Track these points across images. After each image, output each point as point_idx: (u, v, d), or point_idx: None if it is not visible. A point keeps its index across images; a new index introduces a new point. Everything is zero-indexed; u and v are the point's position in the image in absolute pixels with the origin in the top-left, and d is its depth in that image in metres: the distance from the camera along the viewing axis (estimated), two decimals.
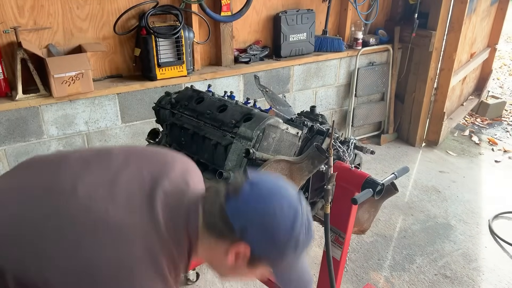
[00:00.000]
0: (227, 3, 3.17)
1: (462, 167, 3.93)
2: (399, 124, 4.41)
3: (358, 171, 1.63)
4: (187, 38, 3.00)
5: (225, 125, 1.51)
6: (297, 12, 3.51)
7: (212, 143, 1.52)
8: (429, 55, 3.92)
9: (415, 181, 3.64)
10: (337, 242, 1.75)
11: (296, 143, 1.56)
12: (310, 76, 3.81)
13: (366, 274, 2.58)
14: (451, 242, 2.90)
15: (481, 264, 2.70)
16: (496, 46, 5.18)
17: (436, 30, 3.80)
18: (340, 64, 3.93)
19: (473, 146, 4.37)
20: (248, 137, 1.40)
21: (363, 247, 2.81)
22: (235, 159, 1.42)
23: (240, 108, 1.55)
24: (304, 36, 3.60)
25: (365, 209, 1.85)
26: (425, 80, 4.03)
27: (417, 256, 2.75)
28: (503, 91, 6.21)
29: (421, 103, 4.11)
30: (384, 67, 4.16)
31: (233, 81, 3.38)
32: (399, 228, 3.03)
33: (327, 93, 4.00)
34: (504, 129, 4.86)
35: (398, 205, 3.28)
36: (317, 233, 2.88)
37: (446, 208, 3.28)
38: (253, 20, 3.48)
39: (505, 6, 4.92)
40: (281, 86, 3.66)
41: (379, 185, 1.52)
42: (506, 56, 8.23)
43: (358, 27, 3.93)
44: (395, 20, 4.17)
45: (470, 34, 4.27)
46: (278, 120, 1.47)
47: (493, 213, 3.20)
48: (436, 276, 2.58)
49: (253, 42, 3.55)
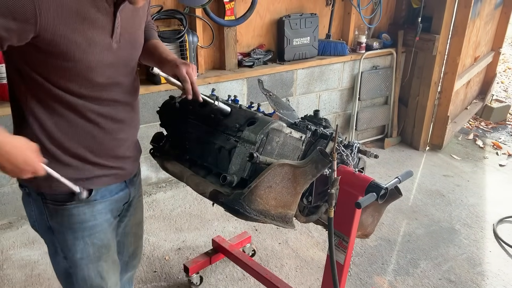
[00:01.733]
0: (231, 7, 3.19)
1: (467, 171, 3.91)
2: (403, 127, 4.41)
3: (362, 175, 1.63)
4: (191, 42, 3.02)
5: (229, 129, 1.51)
6: (301, 16, 3.53)
7: (215, 147, 1.53)
8: (433, 59, 3.92)
9: (419, 185, 3.63)
10: (340, 246, 1.75)
11: (299, 147, 1.56)
12: (314, 80, 3.81)
13: (370, 279, 2.58)
14: (456, 246, 2.89)
15: (485, 269, 2.69)
16: (500, 49, 5.17)
17: (440, 34, 3.80)
18: (344, 68, 3.93)
19: (478, 150, 4.36)
20: (252, 141, 1.40)
21: (367, 251, 2.80)
22: (239, 163, 1.42)
23: (243, 112, 1.56)
24: (307, 40, 3.60)
25: (368, 213, 1.84)
26: (429, 84, 4.02)
27: (421, 261, 2.74)
28: (508, 94, 6.19)
29: (425, 107, 4.11)
30: (388, 71, 4.16)
31: (237, 85, 3.39)
32: (403, 232, 3.02)
33: (331, 97, 4.00)
34: (509, 133, 4.84)
35: (402, 209, 3.27)
36: (320, 237, 2.88)
37: (450, 212, 3.27)
38: (256, 24, 3.50)
39: (509, 10, 4.92)
40: (284, 90, 3.67)
41: (383, 189, 1.52)
42: (511, 59, 8.21)
43: (362, 31, 3.94)
44: (399, 24, 4.17)
45: (474, 38, 4.27)
46: (282, 124, 1.47)
47: (498, 217, 3.19)
48: (440, 281, 2.57)
49: (256, 46, 3.56)
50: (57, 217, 1.34)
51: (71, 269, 1.41)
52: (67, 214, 1.34)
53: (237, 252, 2.46)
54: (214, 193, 1.46)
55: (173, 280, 2.51)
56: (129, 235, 1.65)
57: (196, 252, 2.72)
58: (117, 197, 1.45)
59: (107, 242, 1.45)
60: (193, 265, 2.43)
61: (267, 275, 2.27)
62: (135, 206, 1.61)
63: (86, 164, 1.32)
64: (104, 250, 1.44)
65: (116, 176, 1.43)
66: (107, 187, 1.40)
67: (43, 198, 1.32)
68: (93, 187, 1.35)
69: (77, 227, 1.36)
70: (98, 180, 1.36)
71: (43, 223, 1.37)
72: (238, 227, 2.98)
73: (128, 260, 1.71)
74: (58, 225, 1.36)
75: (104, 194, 1.39)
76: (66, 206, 1.32)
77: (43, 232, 1.41)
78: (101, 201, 1.39)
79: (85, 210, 1.35)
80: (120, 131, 1.38)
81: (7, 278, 2.48)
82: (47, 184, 1.28)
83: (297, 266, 2.66)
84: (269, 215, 1.42)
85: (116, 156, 1.40)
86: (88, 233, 1.38)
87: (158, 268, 2.59)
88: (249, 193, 1.35)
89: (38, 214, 1.37)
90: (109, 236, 1.46)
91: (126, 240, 1.66)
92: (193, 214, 3.12)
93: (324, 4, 3.75)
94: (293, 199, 1.46)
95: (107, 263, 1.47)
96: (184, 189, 3.37)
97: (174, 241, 2.84)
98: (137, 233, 1.70)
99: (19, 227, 2.89)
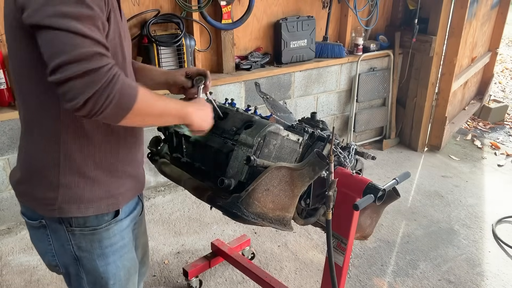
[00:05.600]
0: (228, 11, 3.19)
1: (465, 171, 3.92)
2: (401, 129, 4.42)
3: (360, 177, 1.63)
4: (189, 46, 3.03)
5: (226, 132, 1.52)
6: (298, 19, 3.53)
7: (213, 150, 1.53)
8: (430, 60, 3.93)
9: (418, 186, 3.64)
10: (339, 248, 1.75)
11: (297, 149, 1.57)
12: (311, 82, 3.82)
13: (369, 280, 2.57)
14: (455, 247, 2.89)
15: (485, 269, 2.69)
16: (497, 50, 5.18)
17: (437, 35, 3.81)
18: (341, 70, 3.94)
19: (476, 151, 4.36)
20: (249, 144, 1.40)
21: (366, 253, 2.80)
22: (236, 166, 1.42)
23: (240, 115, 1.56)
24: (304, 42, 3.61)
25: (367, 214, 1.84)
26: (426, 85, 4.03)
27: (421, 262, 2.74)
28: (505, 95, 6.21)
29: (423, 108, 4.12)
30: (385, 72, 4.17)
31: (234, 88, 3.40)
32: (402, 233, 3.02)
33: (329, 99, 4.01)
34: (507, 133, 4.85)
35: (401, 210, 3.27)
36: (320, 239, 2.88)
37: (449, 213, 3.27)
38: (254, 28, 3.51)
39: (505, 10, 4.94)
40: (282, 93, 3.67)
41: (381, 190, 1.52)
42: (508, 60, 8.24)
43: (359, 33, 3.95)
44: (396, 25, 4.19)
45: (470, 39, 4.28)
46: (279, 127, 1.47)
47: (497, 217, 3.19)
48: (439, 282, 2.57)
49: (254, 49, 3.57)
50: (86, 244, 1.24)
51: None
52: (97, 239, 1.24)
53: (236, 255, 2.46)
54: (212, 197, 1.46)
55: (173, 284, 2.51)
56: (138, 247, 1.62)
57: (195, 255, 2.72)
58: (136, 212, 1.40)
59: (135, 261, 1.40)
60: (192, 268, 2.43)
61: (267, 278, 2.27)
62: (141, 216, 1.60)
63: (112, 177, 1.24)
64: (133, 270, 1.39)
65: (136, 188, 1.37)
66: (127, 204, 1.32)
67: (68, 226, 1.20)
68: (119, 206, 1.27)
69: (108, 251, 1.27)
70: (123, 196, 1.28)
71: (67, 255, 1.26)
72: (237, 230, 2.97)
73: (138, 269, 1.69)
74: (87, 253, 1.25)
75: (126, 211, 1.32)
76: (96, 230, 1.23)
77: (67, 265, 1.29)
78: (125, 219, 1.32)
79: (115, 231, 1.27)
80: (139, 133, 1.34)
81: (6, 284, 2.48)
82: (75, 207, 1.17)
83: (296, 269, 2.65)
84: (267, 218, 1.42)
85: (137, 160, 1.35)
86: (118, 255, 1.31)
87: (157, 272, 2.59)
88: (246, 196, 1.35)
89: (59, 246, 1.25)
90: (135, 255, 1.41)
91: (137, 252, 1.62)
92: (192, 218, 3.12)
93: (320, 7, 3.77)
94: (291, 201, 1.46)
95: (134, 284, 1.42)
96: (183, 193, 3.37)
97: (173, 245, 2.84)
98: (144, 242, 1.68)
99: (17, 233, 2.89)
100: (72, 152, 1.14)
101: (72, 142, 1.13)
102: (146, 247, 1.74)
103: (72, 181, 1.15)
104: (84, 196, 1.18)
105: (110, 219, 1.25)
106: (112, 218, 1.25)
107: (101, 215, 1.23)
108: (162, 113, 1.12)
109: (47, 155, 1.15)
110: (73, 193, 1.16)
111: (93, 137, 1.16)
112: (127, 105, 0.99)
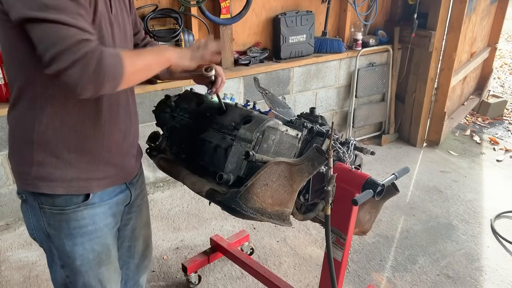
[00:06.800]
0: (227, 5, 3.18)
1: (464, 166, 3.92)
2: (400, 124, 4.41)
3: (359, 172, 1.63)
4: (187, 41, 3.01)
5: (224, 127, 1.51)
6: (297, 14, 3.52)
7: (212, 145, 1.52)
8: (429, 55, 3.92)
9: (417, 181, 3.64)
10: (338, 243, 1.75)
11: (296, 144, 1.56)
12: (310, 78, 3.81)
13: (368, 275, 2.58)
14: (453, 242, 2.89)
15: (483, 264, 2.69)
16: (496, 45, 5.17)
17: (436, 30, 3.80)
18: (340, 65, 3.93)
19: (475, 146, 4.36)
20: (248, 139, 1.40)
21: (365, 248, 2.81)
22: (235, 161, 1.42)
23: (239, 111, 1.55)
24: (303, 37, 3.60)
25: (366, 210, 1.84)
26: (425, 80, 4.03)
27: (419, 257, 2.74)
28: (504, 90, 6.20)
29: (422, 103, 4.11)
30: (384, 67, 4.16)
31: (233, 83, 3.39)
32: (400, 228, 3.03)
33: (328, 94, 4.00)
34: (506, 128, 4.85)
35: (400, 205, 3.28)
36: (319, 235, 2.88)
37: (448, 208, 3.28)
38: (252, 23, 3.49)
39: (504, 5, 4.92)
40: (281, 88, 3.66)
41: (380, 185, 1.52)
42: (507, 55, 8.23)
43: (358, 28, 3.94)
44: (395, 20, 4.17)
45: (470, 34, 4.27)
46: (278, 122, 1.47)
47: (495, 212, 3.20)
48: (438, 277, 2.58)
49: (252, 44, 3.56)
50: (54, 223, 1.29)
51: (69, 278, 1.36)
52: (65, 219, 1.29)
53: (235, 251, 2.46)
54: (211, 192, 1.45)
55: (172, 280, 2.51)
56: (138, 238, 1.62)
57: (194, 251, 2.72)
58: (117, 199, 1.40)
59: (108, 247, 1.40)
60: (192, 264, 2.43)
61: (266, 273, 2.27)
62: (140, 207, 1.59)
63: (86, 162, 1.27)
64: (105, 256, 1.39)
65: (118, 177, 1.38)
66: (104, 190, 1.35)
67: (40, 203, 1.27)
68: (91, 190, 1.30)
69: (76, 232, 1.31)
70: (98, 182, 1.31)
71: (40, 231, 1.32)
72: (236, 226, 2.98)
73: (138, 262, 1.68)
74: (56, 231, 1.30)
75: (102, 197, 1.34)
76: (64, 211, 1.28)
77: (42, 240, 1.35)
78: (100, 204, 1.34)
79: (84, 214, 1.30)
80: (122, 121, 1.35)
81: (5, 280, 2.48)
82: (45, 184, 1.23)
83: (295, 264, 2.66)
84: (266, 213, 1.42)
85: (121, 149, 1.36)
86: (87, 238, 1.33)
87: (156, 268, 2.59)
88: (245, 192, 1.35)
89: (35, 221, 1.32)
90: (110, 242, 1.41)
91: (137, 243, 1.63)
92: (191, 213, 3.12)
93: (319, 2, 3.75)
94: (290, 197, 1.46)
95: (109, 271, 1.42)
96: (181, 188, 3.37)
97: (172, 240, 2.84)
98: (145, 234, 1.67)
99: (16, 229, 2.89)
100: (46, 133, 1.21)
101: (46, 123, 1.20)
102: (149, 240, 1.73)
103: (44, 160, 1.22)
104: (55, 175, 1.24)
105: (79, 201, 1.29)
106: (82, 201, 1.29)
107: (69, 196, 1.27)
108: (148, 66, 1.20)
109: (24, 133, 1.22)
110: (44, 170, 1.23)
111: (68, 120, 1.21)
112: (119, 73, 1.07)
